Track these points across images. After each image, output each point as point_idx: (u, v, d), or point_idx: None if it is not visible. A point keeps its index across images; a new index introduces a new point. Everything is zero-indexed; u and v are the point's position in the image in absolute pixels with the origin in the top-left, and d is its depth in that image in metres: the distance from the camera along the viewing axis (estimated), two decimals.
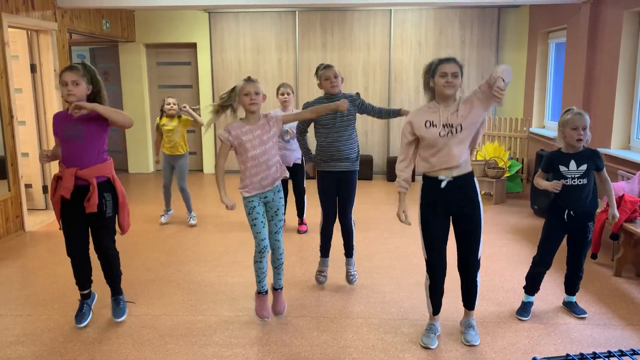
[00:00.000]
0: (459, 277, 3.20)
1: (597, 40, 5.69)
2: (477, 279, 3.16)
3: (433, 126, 2.95)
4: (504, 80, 2.74)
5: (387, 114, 4.02)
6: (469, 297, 3.22)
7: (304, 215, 5.51)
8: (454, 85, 2.94)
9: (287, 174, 3.47)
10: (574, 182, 3.29)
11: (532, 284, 3.55)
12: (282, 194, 3.42)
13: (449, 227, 3.09)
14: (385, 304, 3.72)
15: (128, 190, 7.54)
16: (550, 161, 3.39)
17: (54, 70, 5.98)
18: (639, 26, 5.13)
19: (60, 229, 3.30)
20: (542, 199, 3.47)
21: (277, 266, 3.48)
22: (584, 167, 3.27)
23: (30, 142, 6.00)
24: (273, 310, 3.51)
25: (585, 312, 3.53)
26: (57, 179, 3.23)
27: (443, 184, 2.97)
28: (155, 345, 3.18)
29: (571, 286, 3.61)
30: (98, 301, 3.62)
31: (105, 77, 9.07)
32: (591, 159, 3.30)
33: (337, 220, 3.95)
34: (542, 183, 3.43)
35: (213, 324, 3.44)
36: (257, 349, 3.12)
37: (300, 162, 5.28)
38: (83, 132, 3.16)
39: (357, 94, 3.98)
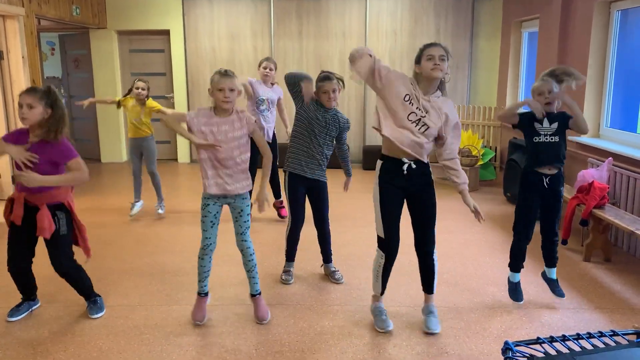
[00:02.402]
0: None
1: (569, 30, 5.77)
2: (434, 257, 3.18)
3: (410, 103, 2.92)
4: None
5: (342, 161, 4.01)
6: (427, 278, 3.23)
7: (282, 196, 5.41)
8: (442, 69, 2.89)
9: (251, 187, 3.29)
10: (547, 139, 3.36)
11: (517, 259, 3.56)
12: (248, 200, 3.24)
13: (402, 205, 3.10)
14: (361, 290, 3.74)
15: (100, 180, 7.44)
16: (523, 118, 3.43)
17: (22, 57, 5.83)
18: (608, 16, 5.22)
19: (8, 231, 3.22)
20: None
21: (249, 269, 3.30)
22: (555, 124, 3.36)
23: None
24: (255, 316, 3.31)
25: (563, 295, 3.56)
26: (10, 200, 3.16)
27: (405, 168, 2.96)
28: (130, 335, 3.15)
29: (550, 255, 3.58)
30: (69, 293, 3.54)
31: (75, 65, 8.88)
32: (561, 117, 3.38)
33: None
34: (516, 103, 3.38)
35: (189, 313, 3.40)
36: (234, 337, 3.12)
37: (270, 141, 5.19)
38: (39, 168, 3.02)
39: (348, 122, 3.85)
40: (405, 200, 3.10)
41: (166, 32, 8.44)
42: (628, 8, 5.01)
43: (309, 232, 4.01)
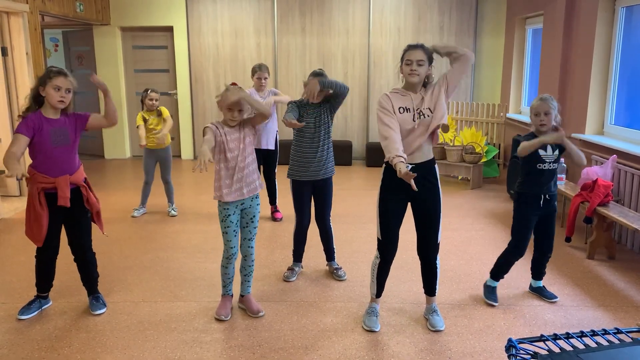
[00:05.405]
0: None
1: (573, 26, 5.75)
2: (437, 262, 3.20)
3: (406, 111, 2.96)
4: None
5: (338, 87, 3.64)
6: (429, 282, 3.26)
7: (277, 202, 5.47)
8: (418, 74, 2.94)
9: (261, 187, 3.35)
10: (549, 166, 3.36)
11: (502, 270, 3.56)
12: (259, 201, 3.33)
13: (405, 211, 3.11)
14: (364, 287, 3.75)
15: (104, 177, 7.46)
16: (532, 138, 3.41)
17: (26, 54, 5.84)
18: (613, 13, 5.20)
19: (40, 246, 3.19)
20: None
21: (247, 273, 3.38)
22: (557, 151, 3.37)
23: (2, 126, 5.86)
24: (250, 312, 3.36)
25: (556, 296, 3.58)
26: (42, 190, 3.10)
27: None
28: (134, 331, 3.16)
29: (539, 270, 3.64)
30: (74, 289, 3.57)
31: (79, 61, 8.89)
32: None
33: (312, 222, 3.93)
34: (532, 141, 3.29)
35: (192, 309, 3.43)
36: (237, 334, 3.13)
37: (273, 148, 5.24)
38: (69, 137, 3.14)
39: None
40: (410, 204, 3.11)
41: (169, 29, 8.44)
42: (633, 5, 4.99)
43: (313, 229, 4.01)
